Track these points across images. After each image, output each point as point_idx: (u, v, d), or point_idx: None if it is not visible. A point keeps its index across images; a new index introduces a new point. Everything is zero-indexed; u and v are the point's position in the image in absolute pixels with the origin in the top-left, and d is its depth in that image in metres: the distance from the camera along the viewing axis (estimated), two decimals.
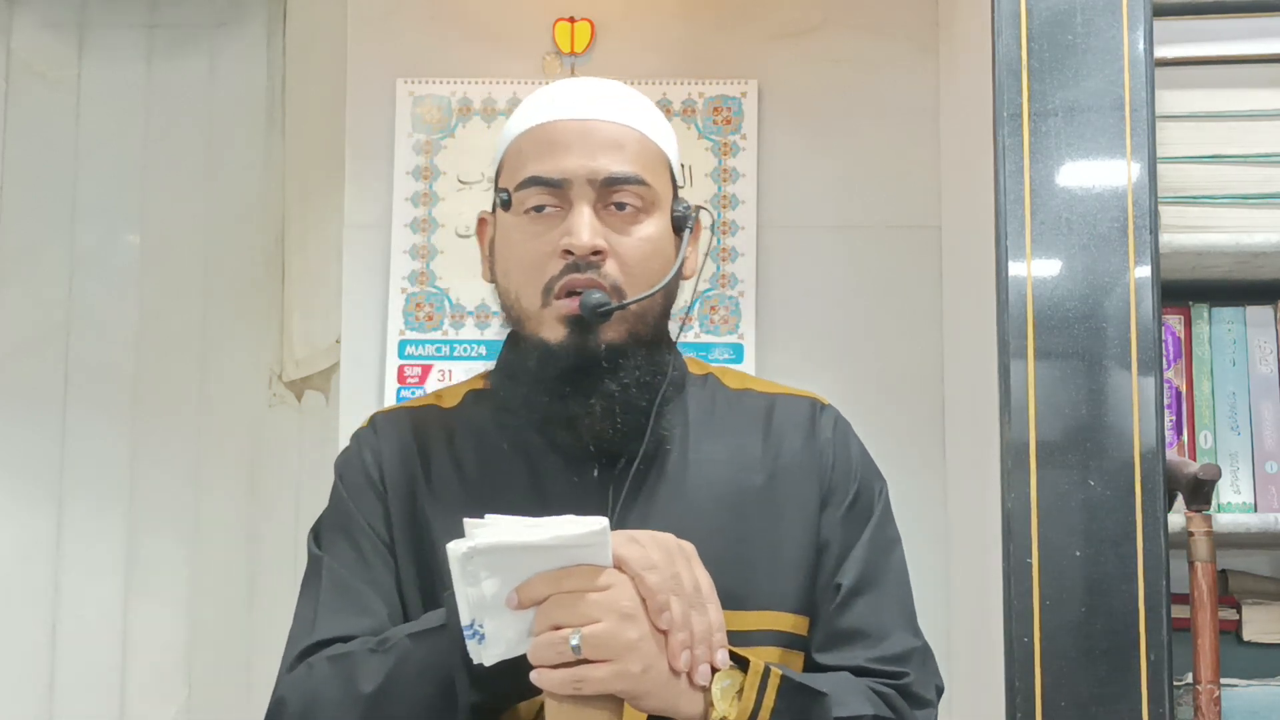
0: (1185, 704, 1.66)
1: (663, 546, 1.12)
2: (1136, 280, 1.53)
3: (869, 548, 1.30)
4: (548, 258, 1.25)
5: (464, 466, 1.30)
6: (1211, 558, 1.59)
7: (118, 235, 2.58)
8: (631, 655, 1.07)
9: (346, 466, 1.33)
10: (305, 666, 1.21)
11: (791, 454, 1.32)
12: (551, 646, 1.07)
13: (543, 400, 1.25)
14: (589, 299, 1.23)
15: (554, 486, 1.27)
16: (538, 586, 1.08)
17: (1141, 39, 1.57)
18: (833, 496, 1.31)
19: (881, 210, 2.22)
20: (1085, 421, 1.52)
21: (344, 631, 1.22)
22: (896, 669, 1.25)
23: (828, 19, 2.26)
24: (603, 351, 1.24)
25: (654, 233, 1.28)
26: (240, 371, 2.53)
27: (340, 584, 1.26)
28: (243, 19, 2.61)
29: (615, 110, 1.30)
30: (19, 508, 2.50)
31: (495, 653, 1.09)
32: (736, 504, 1.28)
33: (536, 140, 1.28)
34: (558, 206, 1.26)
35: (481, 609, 1.09)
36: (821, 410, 1.37)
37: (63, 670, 2.48)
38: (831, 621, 1.27)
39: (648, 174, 1.28)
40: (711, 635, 1.11)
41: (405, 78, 2.24)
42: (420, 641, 1.15)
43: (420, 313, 2.20)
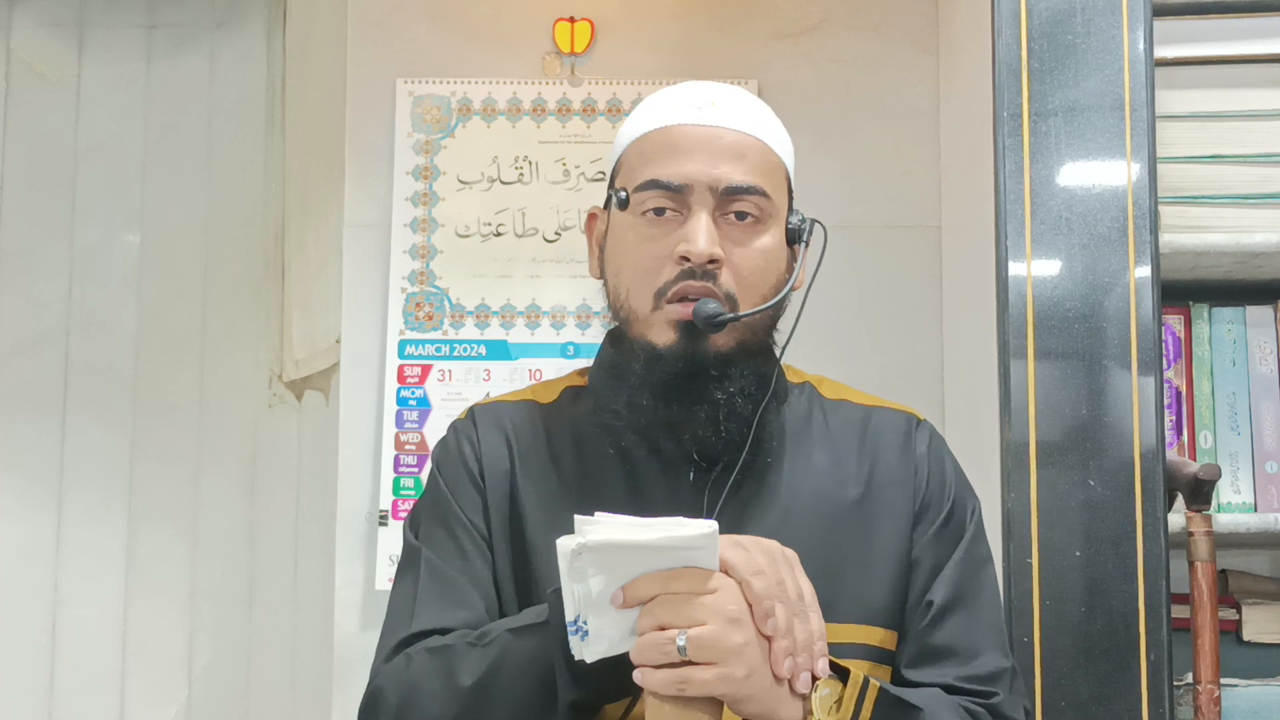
0: (1185, 704, 1.66)
1: (768, 553, 1.12)
2: (1136, 280, 1.53)
3: (961, 566, 1.29)
4: (663, 262, 1.25)
5: (561, 464, 1.29)
6: (1211, 558, 1.59)
7: (117, 235, 2.58)
8: (736, 659, 1.07)
9: (445, 458, 1.33)
10: (403, 658, 1.21)
11: (886, 468, 1.31)
12: (657, 646, 1.07)
13: (646, 403, 1.25)
14: (704, 308, 1.23)
15: (650, 489, 1.27)
16: (645, 586, 1.08)
17: (1141, 39, 1.57)
18: (926, 513, 1.30)
19: (881, 210, 2.22)
20: (1085, 421, 1.52)
21: (442, 623, 1.22)
22: (986, 688, 1.24)
23: (828, 19, 2.26)
24: (712, 359, 1.24)
25: (770, 244, 1.28)
26: (240, 371, 2.53)
27: (438, 575, 1.25)
28: (243, 19, 2.61)
29: (739, 118, 1.29)
30: (19, 507, 2.50)
31: (598, 650, 1.09)
32: (830, 516, 1.28)
33: (659, 143, 1.28)
34: (676, 211, 1.26)
35: (587, 605, 1.09)
36: (918, 425, 1.36)
37: (63, 670, 2.48)
38: (922, 638, 1.26)
39: (768, 185, 1.28)
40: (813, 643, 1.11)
41: (405, 78, 2.24)
42: (522, 636, 1.15)
43: (420, 313, 2.20)
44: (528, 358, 2.20)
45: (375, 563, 2.13)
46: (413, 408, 2.17)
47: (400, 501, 2.15)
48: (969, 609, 1.27)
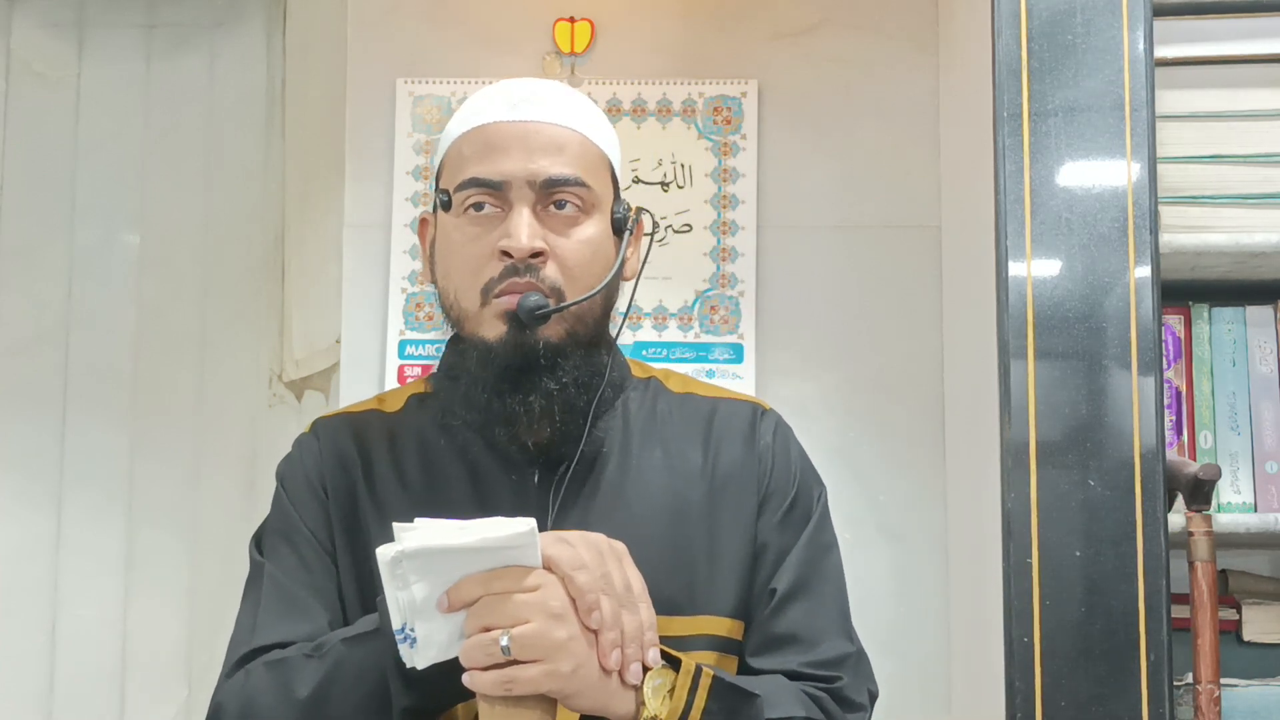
0: (1185, 704, 1.66)
1: (592, 546, 1.12)
2: (1136, 280, 1.53)
3: (805, 552, 1.30)
4: (487, 259, 1.25)
5: (405, 471, 1.30)
6: (1211, 558, 1.59)
7: (117, 235, 2.58)
8: (561, 655, 1.07)
9: (289, 472, 1.34)
10: (243, 673, 1.22)
11: (731, 459, 1.32)
12: (481, 648, 1.07)
13: (482, 399, 1.25)
14: (526, 301, 1.23)
15: (494, 490, 1.27)
16: (467, 589, 1.08)
17: (1141, 39, 1.57)
18: (770, 501, 1.31)
19: (881, 210, 2.22)
20: (1085, 421, 1.52)
21: (283, 637, 1.23)
22: (829, 673, 1.26)
23: (828, 19, 2.26)
24: (541, 350, 1.24)
25: (594, 234, 1.28)
26: (240, 371, 2.53)
27: (281, 590, 1.26)
28: (243, 19, 2.61)
29: (556, 112, 1.30)
30: (19, 507, 2.50)
31: (428, 656, 1.09)
32: (675, 508, 1.28)
33: (476, 141, 1.29)
34: (497, 207, 1.27)
35: (413, 612, 1.09)
36: (762, 415, 1.37)
37: (63, 670, 2.48)
38: (766, 626, 1.27)
39: (588, 176, 1.28)
40: (643, 634, 1.12)
41: (405, 78, 2.24)
42: (354, 646, 1.16)
43: (420, 313, 2.20)
44: None
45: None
46: None
47: None
48: (812, 595, 1.29)
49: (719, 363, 2.15)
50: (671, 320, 2.17)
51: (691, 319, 2.17)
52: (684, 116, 2.22)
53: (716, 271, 2.19)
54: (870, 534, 2.14)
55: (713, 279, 2.19)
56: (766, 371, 2.16)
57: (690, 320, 2.17)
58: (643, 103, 2.22)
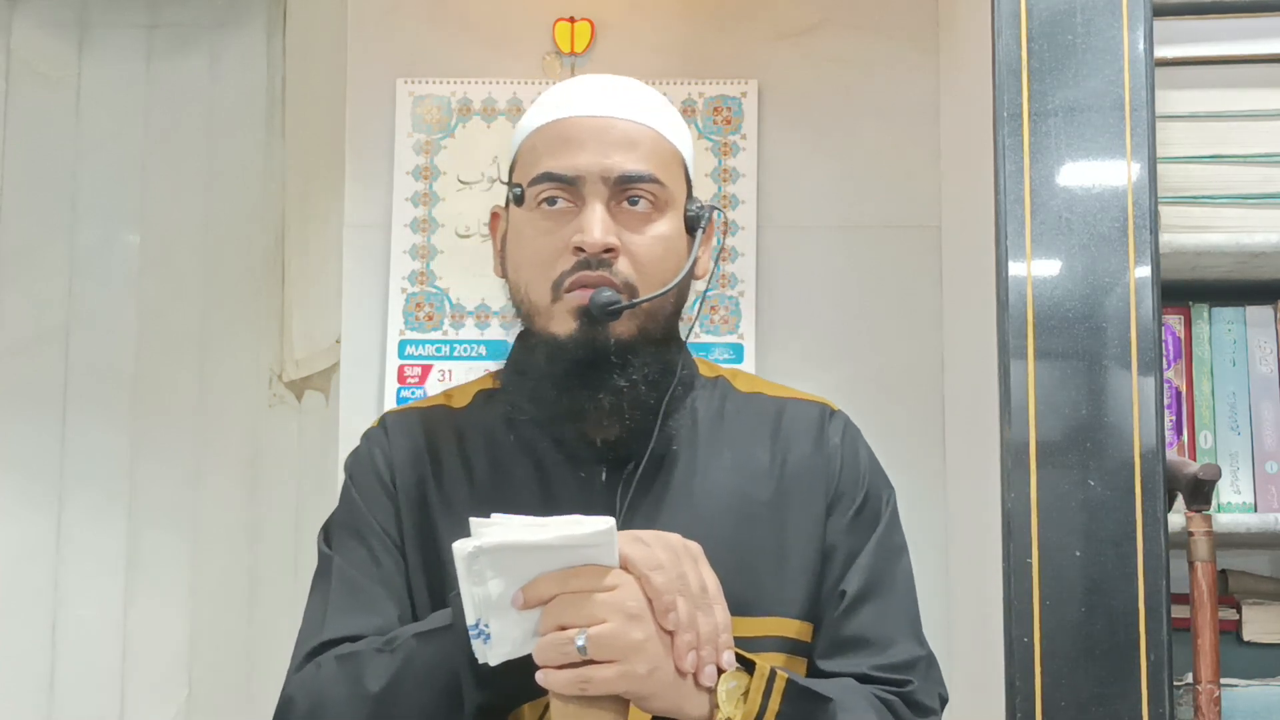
0: (1185, 704, 1.66)
1: (669, 547, 1.11)
2: (1136, 280, 1.53)
3: (875, 555, 1.29)
4: (559, 254, 1.25)
5: (473, 467, 1.29)
6: (1211, 558, 1.59)
7: (117, 235, 2.58)
8: (637, 656, 1.06)
9: (357, 466, 1.33)
10: (313, 665, 1.21)
11: (800, 459, 1.31)
12: (557, 647, 1.06)
13: (551, 395, 1.25)
14: (599, 297, 1.23)
15: (562, 488, 1.26)
16: (543, 586, 1.07)
17: (1141, 39, 1.57)
18: (839, 503, 1.30)
19: (881, 210, 2.22)
20: (1085, 421, 1.52)
21: (353, 631, 1.22)
22: (900, 677, 1.24)
23: (828, 19, 2.26)
24: (612, 347, 1.24)
25: (667, 231, 1.28)
26: (240, 371, 2.53)
27: (350, 583, 1.26)
28: (243, 19, 2.61)
29: (631, 108, 1.29)
30: (19, 507, 2.50)
31: (500, 652, 1.09)
32: (743, 509, 1.27)
33: (551, 136, 1.28)
34: (570, 202, 1.26)
35: (487, 608, 1.08)
36: (831, 416, 1.36)
37: (63, 670, 2.48)
38: (836, 628, 1.26)
39: (662, 173, 1.28)
40: (718, 636, 1.11)
41: (405, 78, 2.24)
42: (426, 641, 1.15)
43: (420, 313, 2.20)
44: None
45: None
46: None
47: None
48: (883, 598, 1.28)
49: (719, 363, 2.15)
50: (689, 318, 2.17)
51: (691, 319, 2.17)
52: (684, 116, 2.20)
53: (716, 271, 2.19)
54: None
55: (713, 279, 2.19)
56: (766, 372, 2.16)
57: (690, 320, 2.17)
58: None
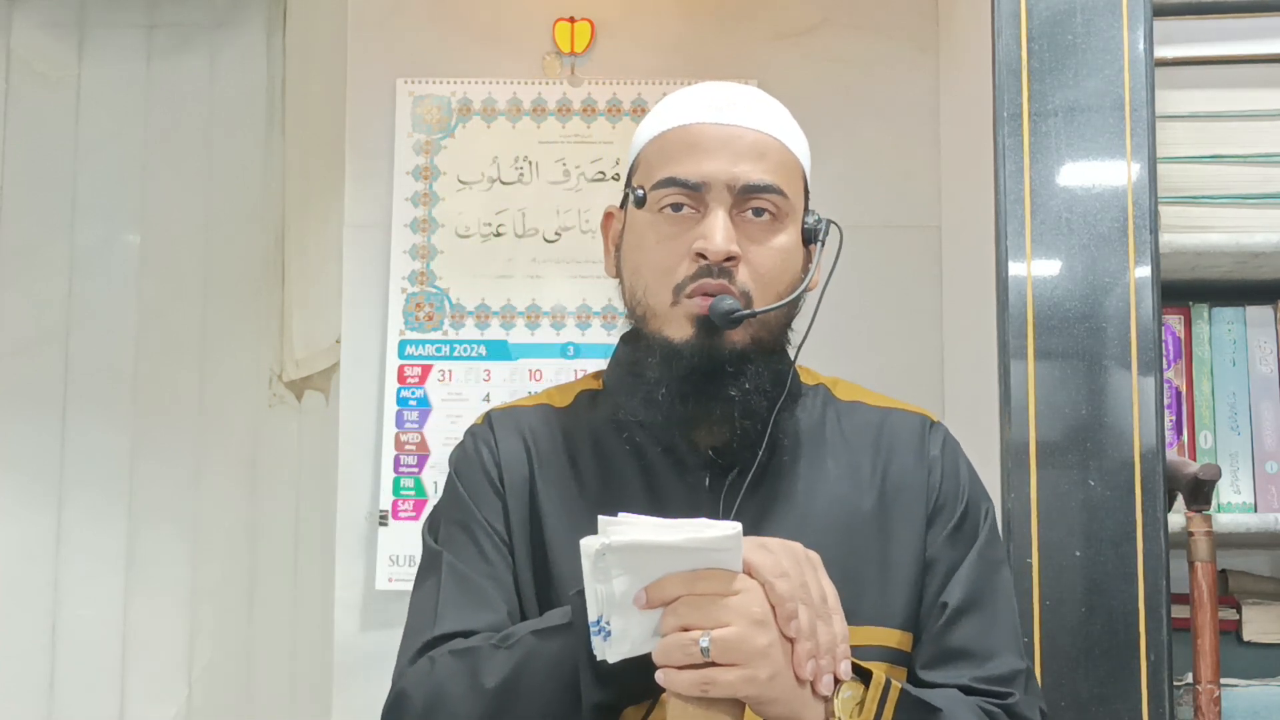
0: (1185, 704, 1.66)
1: (792, 555, 1.11)
2: (1136, 280, 1.53)
3: (975, 567, 1.29)
4: (680, 259, 1.25)
5: (579, 467, 1.30)
6: (1211, 558, 1.59)
7: (117, 235, 2.58)
8: (760, 661, 1.07)
9: (464, 461, 1.33)
10: (427, 660, 1.21)
11: (901, 470, 1.31)
12: (681, 647, 1.07)
13: (663, 400, 1.25)
14: (720, 304, 1.23)
15: (667, 492, 1.27)
16: (669, 587, 1.08)
17: (1141, 39, 1.57)
18: (940, 515, 1.30)
19: (881, 210, 2.22)
20: (1085, 421, 1.52)
21: (465, 626, 1.22)
22: (1002, 689, 1.24)
23: (828, 19, 2.26)
24: (728, 356, 1.24)
25: (787, 243, 1.29)
26: (240, 371, 2.53)
27: (460, 578, 1.25)
28: (243, 19, 2.61)
29: (758, 118, 1.30)
30: (19, 507, 2.50)
31: (621, 650, 1.09)
32: (845, 518, 1.28)
33: (677, 141, 1.28)
34: (694, 209, 1.26)
35: (610, 606, 1.08)
36: (931, 427, 1.36)
37: (63, 669, 2.48)
38: (938, 639, 1.26)
39: (785, 184, 1.28)
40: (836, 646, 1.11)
41: (405, 78, 2.24)
42: (546, 638, 1.15)
43: (420, 313, 2.20)
44: (528, 358, 2.20)
45: (375, 563, 2.13)
46: (413, 408, 2.17)
47: (400, 501, 2.15)
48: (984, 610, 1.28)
49: None
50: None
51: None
52: None
53: None
54: None
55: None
56: None
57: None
58: (642, 103, 2.21)
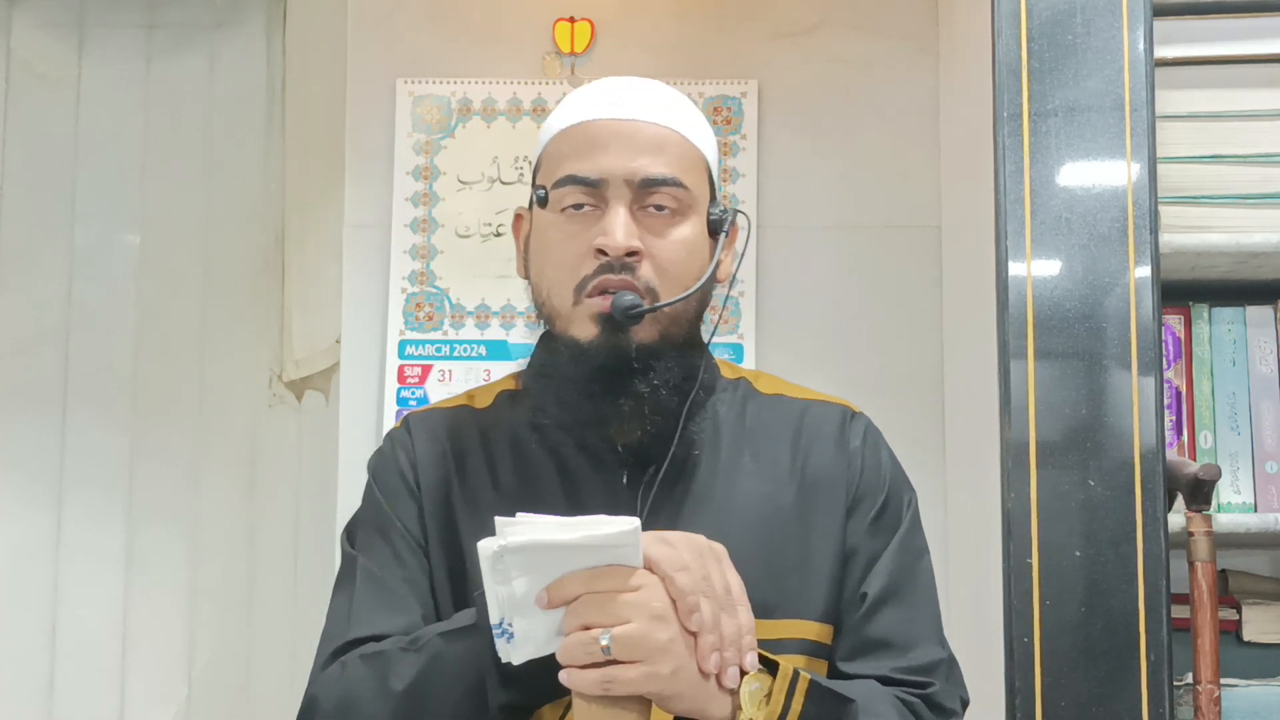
0: (1185, 704, 1.66)
1: (694, 548, 1.11)
2: (1136, 280, 1.53)
3: (896, 557, 1.29)
4: (582, 257, 1.25)
5: (496, 468, 1.30)
6: (1211, 558, 1.59)
7: (117, 235, 2.58)
8: (662, 657, 1.06)
9: (381, 466, 1.33)
10: (339, 665, 1.21)
11: (821, 461, 1.31)
12: (581, 646, 1.07)
13: (573, 399, 1.25)
14: (621, 300, 1.23)
15: (584, 490, 1.27)
16: (569, 586, 1.08)
17: (1141, 39, 1.57)
18: (860, 505, 1.30)
19: (881, 210, 2.22)
20: (1085, 421, 1.52)
21: (378, 630, 1.22)
22: (922, 679, 1.24)
23: (827, 19, 2.26)
24: (634, 352, 1.24)
25: (690, 235, 1.28)
26: (240, 371, 2.53)
27: (375, 583, 1.26)
28: (243, 19, 2.60)
29: (656, 111, 1.29)
30: (19, 507, 2.50)
31: (525, 652, 1.09)
32: (765, 511, 1.28)
33: (576, 139, 1.28)
34: (594, 206, 1.26)
35: (512, 607, 1.08)
36: (852, 418, 1.36)
37: (62, 670, 2.48)
38: (858, 630, 1.26)
39: (686, 176, 1.28)
40: (741, 638, 1.11)
41: (405, 78, 2.24)
42: (451, 640, 1.15)
43: (420, 313, 2.20)
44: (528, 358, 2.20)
45: None
46: (413, 408, 2.17)
47: None
48: (904, 600, 1.28)
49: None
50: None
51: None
52: None
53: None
54: None
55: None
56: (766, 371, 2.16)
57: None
58: None
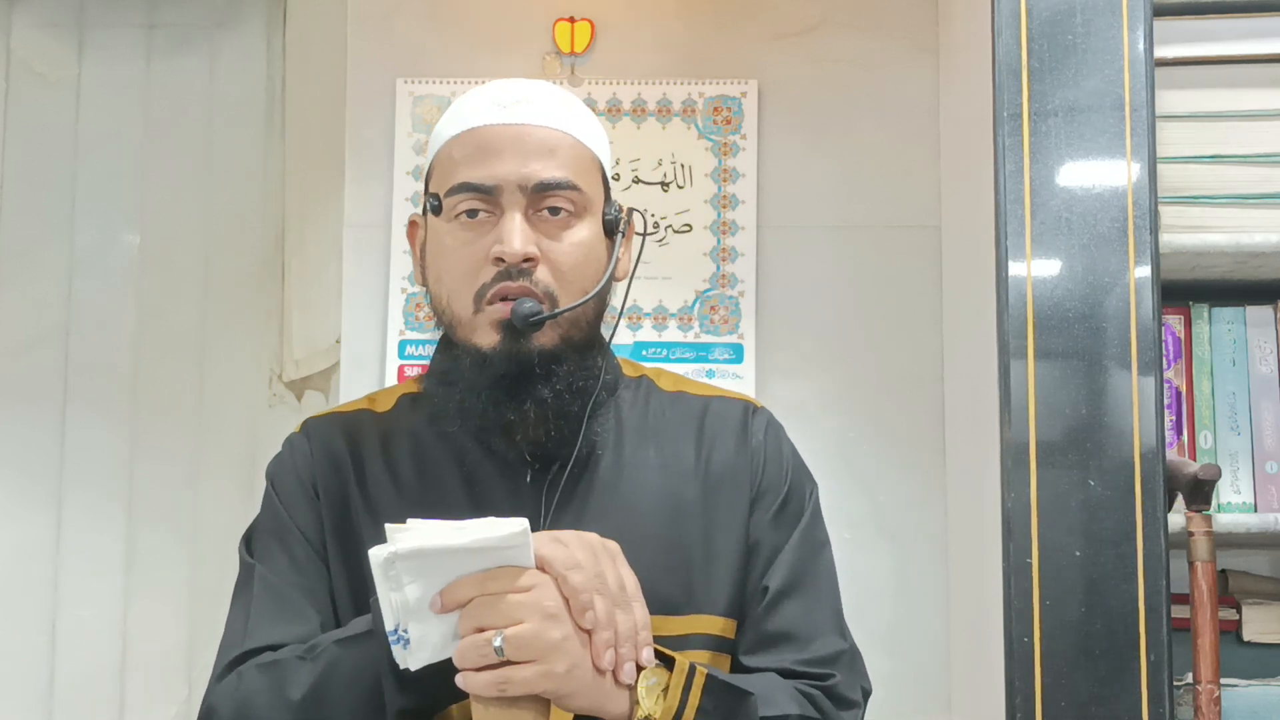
0: (1185, 704, 1.66)
1: (587, 546, 1.12)
2: (1136, 280, 1.53)
3: (797, 550, 1.30)
4: (480, 264, 1.25)
5: (397, 472, 1.29)
6: (1211, 558, 1.59)
7: (117, 235, 2.58)
8: (555, 655, 1.07)
9: (279, 472, 1.34)
10: (235, 675, 1.22)
11: (723, 456, 1.32)
12: (475, 649, 1.07)
13: (476, 405, 1.25)
14: (520, 308, 1.23)
15: (488, 492, 1.27)
16: (461, 589, 1.08)
17: (1141, 39, 1.57)
18: (762, 499, 1.31)
19: (881, 210, 2.22)
20: (1085, 421, 1.52)
21: (276, 639, 1.23)
22: (823, 670, 1.26)
23: (827, 19, 2.26)
24: (536, 358, 1.24)
25: (586, 237, 1.28)
26: (240, 371, 2.53)
27: (272, 591, 1.26)
28: (243, 19, 2.60)
29: (547, 114, 1.29)
30: (19, 507, 2.50)
31: (421, 657, 1.09)
32: (669, 507, 1.28)
33: (467, 145, 1.28)
34: (489, 212, 1.26)
35: (406, 614, 1.09)
36: (754, 413, 1.37)
37: (63, 670, 2.48)
38: (759, 624, 1.27)
39: (580, 178, 1.28)
40: (636, 634, 1.12)
41: (405, 78, 2.24)
42: (347, 648, 1.16)
43: (420, 313, 2.19)
44: None
45: None
46: None
47: None
48: (805, 593, 1.29)
49: (719, 363, 2.15)
50: (671, 320, 2.17)
51: (691, 319, 2.17)
52: (684, 116, 2.22)
53: (716, 271, 2.19)
54: (870, 534, 2.14)
55: (713, 279, 2.19)
56: (766, 371, 2.16)
57: (690, 320, 2.17)
58: (642, 103, 2.22)
